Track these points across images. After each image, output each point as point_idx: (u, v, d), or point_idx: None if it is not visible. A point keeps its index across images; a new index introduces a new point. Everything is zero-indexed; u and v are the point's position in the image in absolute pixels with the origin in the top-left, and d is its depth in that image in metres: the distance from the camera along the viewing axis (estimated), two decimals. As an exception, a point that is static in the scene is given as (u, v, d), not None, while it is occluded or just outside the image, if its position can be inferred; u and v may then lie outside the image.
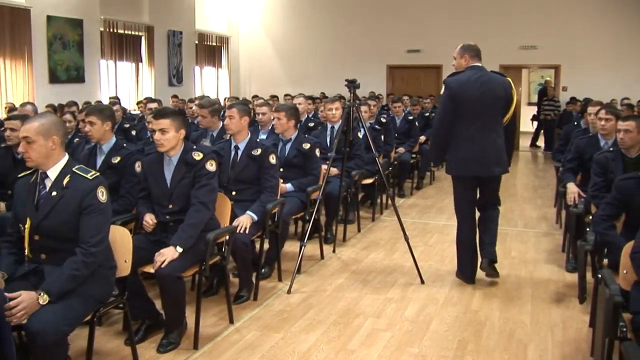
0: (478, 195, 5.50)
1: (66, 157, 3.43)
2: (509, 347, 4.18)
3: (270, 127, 6.51)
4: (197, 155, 4.23)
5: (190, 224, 4.09)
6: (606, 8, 15.70)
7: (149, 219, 4.26)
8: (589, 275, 5.08)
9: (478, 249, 5.45)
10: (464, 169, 5.30)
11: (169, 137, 4.13)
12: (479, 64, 5.41)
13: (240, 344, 4.15)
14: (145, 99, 9.34)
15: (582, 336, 4.38)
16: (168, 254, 3.89)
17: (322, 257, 6.13)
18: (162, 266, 3.84)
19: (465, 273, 5.46)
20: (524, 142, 17.10)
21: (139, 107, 12.16)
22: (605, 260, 4.22)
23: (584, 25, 15.83)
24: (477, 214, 5.54)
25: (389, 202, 6.63)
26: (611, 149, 5.36)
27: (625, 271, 3.44)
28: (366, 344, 4.17)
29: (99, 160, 4.84)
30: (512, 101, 5.34)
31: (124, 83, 14.69)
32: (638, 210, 4.04)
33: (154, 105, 8.29)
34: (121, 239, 3.63)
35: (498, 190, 5.60)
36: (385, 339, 4.27)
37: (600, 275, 3.90)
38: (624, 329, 3.19)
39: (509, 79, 5.48)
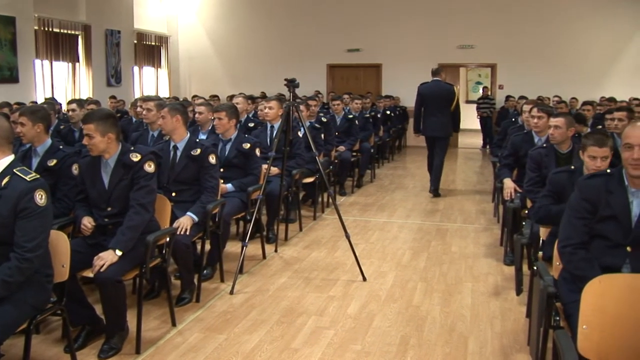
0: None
1: (10, 158, 3.32)
2: (450, 341, 4.25)
3: (210, 127, 6.47)
4: (135, 157, 4.16)
5: (129, 227, 4.04)
6: (538, 9, 16.11)
7: (87, 223, 4.19)
8: (525, 268, 5.23)
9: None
10: (425, 132, 9.68)
11: (95, 142, 4.05)
12: (437, 78, 9.65)
13: (183, 347, 4.12)
14: (70, 100, 9.07)
15: (519, 327, 4.50)
16: (107, 258, 3.83)
17: (264, 256, 6.12)
18: (102, 270, 3.78)
19: (432, 189, 9.65)
20: (464, 140, 17.43)
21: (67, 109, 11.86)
22: (540, 253, 4.34)
23: (518, 25, 16.23)
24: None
25: (330, 200, 6.68)
26: (544, 145, 5.52)
27: (558, 263, 3.53)
28: (309, 343, 4.19)
29: (34, 163, 4.71)
30: (454, 99, 9.55)
31: (60, 83, 14.31)
32: None
33: (73, 106, 8.06)
34: (58, 243, 3.55)
35: (444, 149, 9.69)
36: (328, 336, 4.29)
37: (535, 268, 4.01)
38: (557, 318, 3.29)
39: (454, 86, 9.84)
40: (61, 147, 4.89)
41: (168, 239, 4.35)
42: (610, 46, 15.97)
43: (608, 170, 3.45)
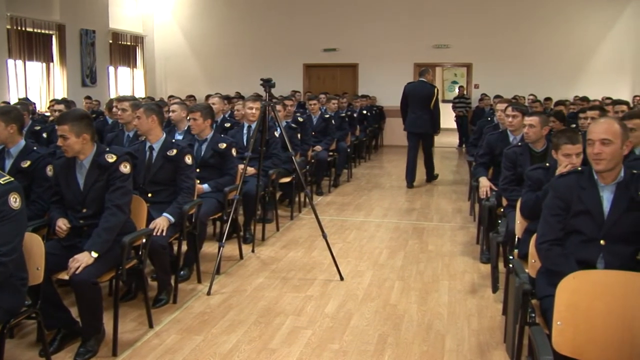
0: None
1: None
2: (427, 339, 4.28)
3: (186, 127, 6.44)
4: (111, 158, 4.14)
5: (105, 228, 4.01)
6: (513, 10, 16.27)
7: (62, 225, 4.15)
8: (501, 266, 5.28)
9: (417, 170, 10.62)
10: (409, 128, 10.60)
11: (69, 143, 4.02)
12: (423, 79, 10.51)
13: (161, 349, 4.10)
14: (52, 100, 9.00)
15: (496, 324, 4.53)
16: (83, 260, 3.80)
17: (241, 257, 6.11)
18: (77, 272, 3.75)
19: (407, 181, 10.51)
20: (440, 139, 17.48)
21: (49, 109, 11.77)
22: (516, 251, 4.38)
23: (493, 25, 16.39)
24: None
25: (307, 200, 6.68)
26: (519, 143, 5.57)
27: (534, 260, 3.59)
28: (287, 343, 4.19)
29: (8, 164, 4.64)
30: (433, 98, 10.34)
31: (34, 83, 14.17)
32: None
33: (60, 107, 8.01)
34: (33, 245, 3.50)
35: (429, 144, 10.85)
36: (306, 336, 4.29)
37: (511, 265, 4.05)
38: (533, 315, 3.33)
39: (435, 86, 10.65)
40: (35, 148, 4.83)
41: (144, 240, 4.32)
42: (583, 46, 16.18)
43: (579, 168, 3.57)
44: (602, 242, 3.31)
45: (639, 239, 3.36)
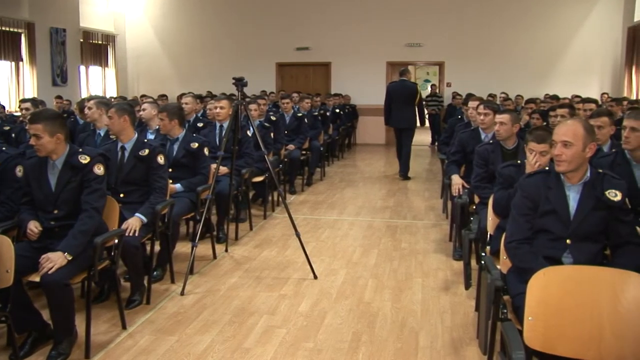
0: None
1: None
2: (401, 336, 4.30)
3: (157, 126, 6.41)
4: (84, 159, 4.11)
5: (82, 231, 3.99)
6: (485, 8, 16.43)
7: (34, 227, 4.10)
8: (474, 262, 5.33)
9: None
10: (392, 123, 11.36)
11: (43, 143, 4.00)
12: (404, 78, 11.32)
13: (134, 350, 4.07)
14: (21, 100, 8.89)
15: (469, 320, 4.58)
16: (56, 260, 3.76)
17: (214, 256, 6.09)
18: (50, 272, 3.71)
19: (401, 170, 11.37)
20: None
21: (19, 109, 11.62)
22: (488, 248, 4.43)
23: (465, 24, 16.53)
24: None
25: (280, 199, 6.68)
26: (491, 141, 5.63)
27: (505, 257, 3.63)
28: (262, 342, 4.19)
29: (-24, 166, 4.60)
30: (417, 95, 11.22)
31: (3, 83, 13.97)
32: None
33: (27, 105, 7.91)
34: (2, 248, 3.48)
35: (410, 138, 11.33)
36: (280, 335, 4.30)
37: (483, 262, 4.09)
38: (505, 311, 3.37)
39: (417, 85, 11.65)
40: (4, 148, 4.78)
41: (116, 241, 4.29)
42: (553, 45, 16.34)
43: (547, 168, 3.62)
44: (568, 241, 3.38)
45: (605, 237, 3.44)
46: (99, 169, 4.15)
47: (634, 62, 14.82)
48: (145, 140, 5.27)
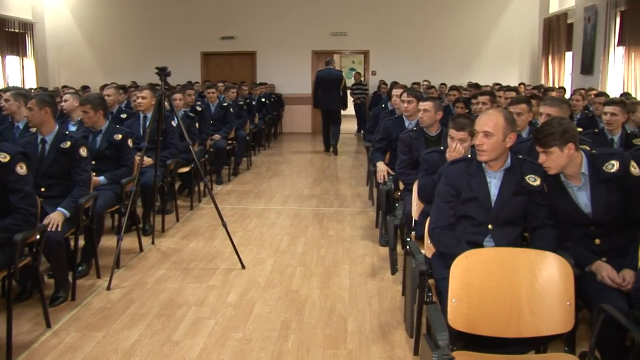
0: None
1: None
2: (330, 323, 4.36)
3: (79, 118, 6.26)
4: (4, 157, 3.95)
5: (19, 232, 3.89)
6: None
7: None
8: (400, 248, 5.43)
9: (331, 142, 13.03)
10: (321, 106, 13.14)
11: None
12: (330, 67, 13.15)
13: (60, 348, 3.98)
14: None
15: (396, 304, 4.67)
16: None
17: (141, 249, 6.01)
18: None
19: (325, 146, 13.30)
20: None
21: None
22: (413, 233, 4.52)
23: (389, 13, 16.70)
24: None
25: (207, 189, 6.64)
26: (414, 128, 5.73)
27: (429, 241, 3.71)
28: (191, 334, 4.17)
29: None
30: (342, 82, 12.96)
31: None
32: None
33: None
34: None
35: (338, 119, 13.22)
36: (209, 326, 4.29)
37: (408, 247, 4.18)
38: (430, 294, 3.46)
39: (341, 72, 13.86)
40: None
41: (38, 237, 4.19)
42: (475, 34, 16.71)
43: (469, 156, 3.72)
44: (489, 226, 3.48)
45: (524, 221, 3.55)
46: (22, 169, 4.00)
47: (549, 51, 15.32)
48: (67, 133, 5.15)
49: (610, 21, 11.72)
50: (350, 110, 17.66)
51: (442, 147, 4.66)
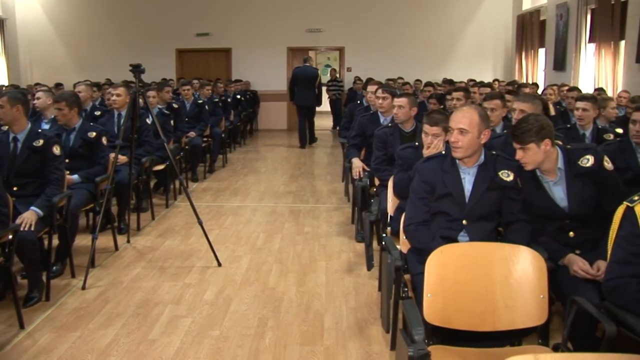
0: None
1: None
2: (306, 319, 4.37)
3: (52, 116, 6.20)
4: None
5: None
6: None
7: None
8: (376, 244, 5.45)
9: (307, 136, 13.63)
10: (298, 102, 13.58)
11: None
12: (307, 64, 13.72)
13: (34, 350, 3.93)
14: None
15: (372, 300, 4.69)
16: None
17: (116, 248, 5.97)
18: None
19: (301, 143, 13.51)
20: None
21: None
22: (389, 229, 4.54)
23: (364, 9, 16.70)
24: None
25: (182, 187, 6.62)
26: (389, 124, 5.76)
27: (404, 237, 3.73)
28: (167, 332, 4.15)
29: None
30: (317, 79, 13.49)
31: None
32: None
33: None
34: None
35: (313, 114, 13.96)
36: (186, 324, 4.27)
37: (383, 243, 4.20)
38: (406, 289, 3.48)
39: (317, 69, 14.38)
40: None
41: (11, 237, 4.13)
42: (450, 31, 16.78)
43: (443, 152, 3.74)
44: (464, 221, 3.51)
45: (499, 216, 3.59)
46: None
47: (523, 48, 15.46)
48: (40, 131, 5.10)
49: (581, 18, 11.86)
50: (326, 106, 17.69)
51: (417, 143, 4.69)
